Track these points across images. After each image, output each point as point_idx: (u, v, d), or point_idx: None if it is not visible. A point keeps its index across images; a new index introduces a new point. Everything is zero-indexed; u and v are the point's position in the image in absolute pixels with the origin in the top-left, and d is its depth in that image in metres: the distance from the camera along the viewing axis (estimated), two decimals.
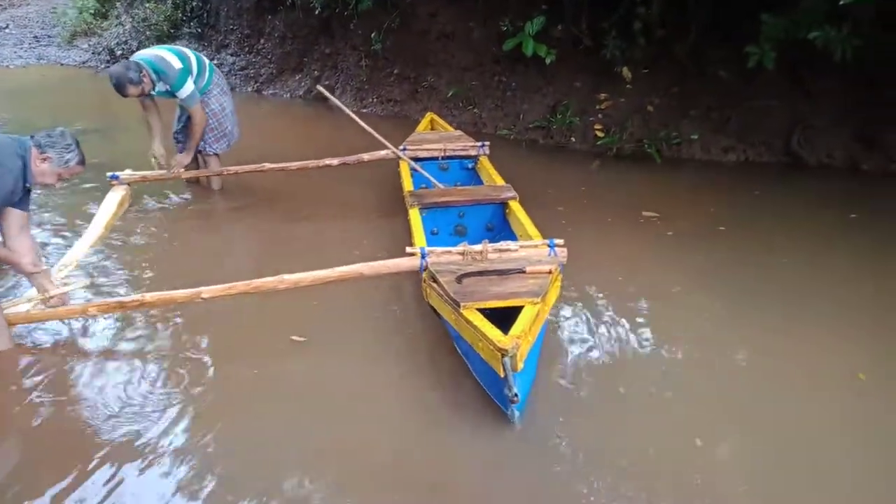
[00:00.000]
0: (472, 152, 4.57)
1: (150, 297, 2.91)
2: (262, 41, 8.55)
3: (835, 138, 5.29)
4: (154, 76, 4.21)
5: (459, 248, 2.87)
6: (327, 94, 4.42)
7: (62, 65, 10.56)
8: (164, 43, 8.69)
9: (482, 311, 2.52)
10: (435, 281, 2.74)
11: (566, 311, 3.21)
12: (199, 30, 9.45)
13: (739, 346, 2.95)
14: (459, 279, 2.66)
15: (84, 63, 10.43)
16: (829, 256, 3.80)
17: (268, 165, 4.58)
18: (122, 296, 3.24)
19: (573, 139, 5.87)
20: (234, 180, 4.85)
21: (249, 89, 8.31)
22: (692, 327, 3.10)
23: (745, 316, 3.18)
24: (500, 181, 4.10)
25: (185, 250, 4.00)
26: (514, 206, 3.66)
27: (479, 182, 4.42)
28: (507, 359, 2.20)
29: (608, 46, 5.66)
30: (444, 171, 4.62)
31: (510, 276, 2.71)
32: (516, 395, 2.24)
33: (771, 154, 5.42)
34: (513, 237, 3.49)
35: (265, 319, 3.19)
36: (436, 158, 4.59)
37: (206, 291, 2.85)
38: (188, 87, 4.31)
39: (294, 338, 2.98)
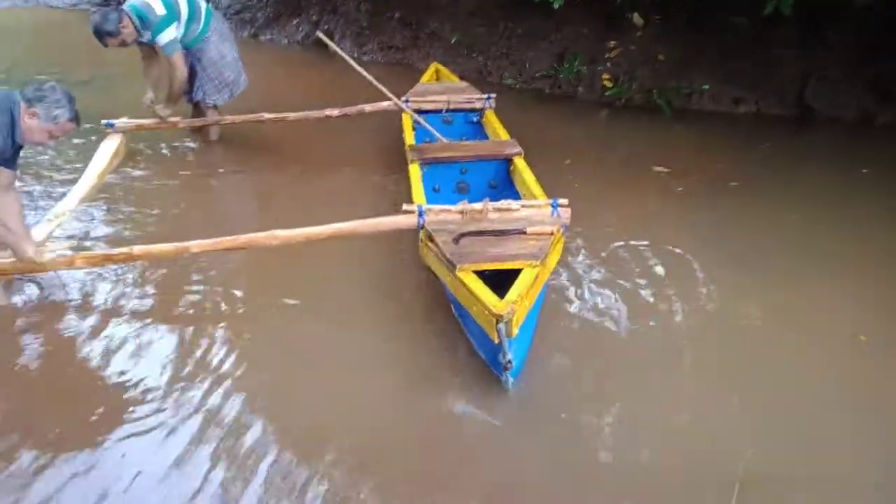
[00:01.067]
0: (478, 105, 4.43)
1: (137, 250, 2.86)
2: None
3: (849, 90, 5.15)
4: (139, 24, 4.01)
5: (459, 206, 2.78)
6: (328, 41, 4.26)
7: (51, 7, 10.21)
8: None
9: (480, 273, 2.45)
10: (432, 240, 2.66)
11: (569, 272, 3.16)
12: None
13: (744, 305, 2.93)
14: (457, 239, 2.58)
15: (74, 5, 10.07)
16: (839, 213, 3.74)
17: (266, 115, 4.45)
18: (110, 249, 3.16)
19: (581, 89, 5.71)
20: (234, 129, 4.72)
21: (245, 34, 8.03)
22: (698, 288, 3.05)
23: (752, 275, 3.14)
24: (504, 136, 3.98)
25: (180, 203, 3.92)
26: (519, 162, 3.55)
27: (485, 136, 4.30)
28: (501, 325, 2.15)
29: None
30: (448, 124, 4.49)
31: (510, 237, 2.62)
32: (510, 361, 2.22)
33: (783, 106, 5.28)
34: (517, 195, 3.40)
35: (260, 279, 3.13)
36: (439, 111, 4.44)
37: (196, 246, 2.79)
38: (166, 35, 4.07)
39: (286, 300, 2.93)
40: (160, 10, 4.04)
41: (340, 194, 4.01)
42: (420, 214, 2.77)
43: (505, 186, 3.66)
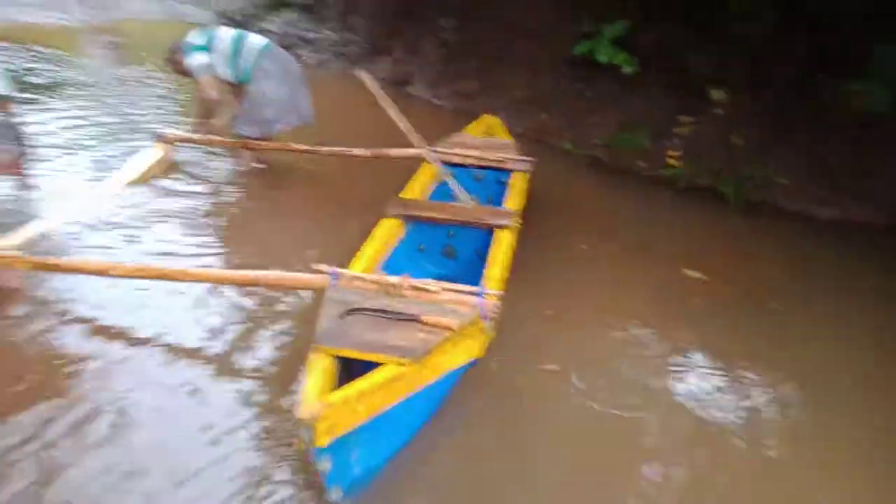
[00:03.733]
0: (508, 165, 4.08)
1: (65, 261, 2.97)
2: (355, 18, 8.40)
3: None
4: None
5: (375, 276, 2.50)
6: (365, 77, 4.20)
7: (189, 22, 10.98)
8: (271, 11, 9.01)
9: (361, 363, 2.09)
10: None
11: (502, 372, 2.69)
12: (311, 1, 9.46)
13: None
14: (344, 314, 2.25)
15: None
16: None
17: (294, 145, 4.46)
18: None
19: (642, 164, 5.16)
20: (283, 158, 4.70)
21: (339, 67, 8.18)
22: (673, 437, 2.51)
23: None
24: (514, 205, 3.59)
25: (183, 222, 3.84)
26: (502, 235, 3.15)
27: None
28: (305, 429, 1.79)
29: (697, 63, 4.90)
30: (479, 181, 4.16)
31: (401, 322, 2.23)
32: (322, 474, 1.88)
33: (878, 215, 4.46)
34: None
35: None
36: (469, 166, 4.15)
37: (119, 268, 2.83)
38: (193, 59, 4.41)
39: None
40: (195, 41, 4.44)
41: (338, 239, 3.69)
42: (333, 277, 2.51)
43: None
